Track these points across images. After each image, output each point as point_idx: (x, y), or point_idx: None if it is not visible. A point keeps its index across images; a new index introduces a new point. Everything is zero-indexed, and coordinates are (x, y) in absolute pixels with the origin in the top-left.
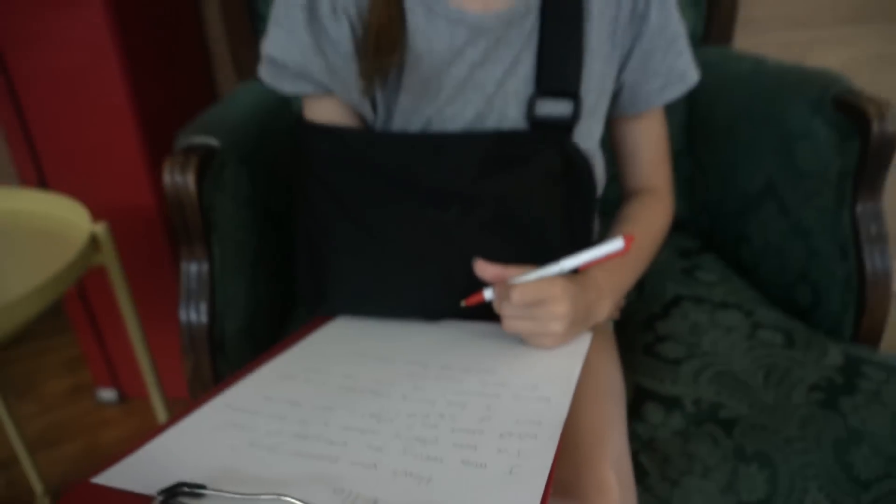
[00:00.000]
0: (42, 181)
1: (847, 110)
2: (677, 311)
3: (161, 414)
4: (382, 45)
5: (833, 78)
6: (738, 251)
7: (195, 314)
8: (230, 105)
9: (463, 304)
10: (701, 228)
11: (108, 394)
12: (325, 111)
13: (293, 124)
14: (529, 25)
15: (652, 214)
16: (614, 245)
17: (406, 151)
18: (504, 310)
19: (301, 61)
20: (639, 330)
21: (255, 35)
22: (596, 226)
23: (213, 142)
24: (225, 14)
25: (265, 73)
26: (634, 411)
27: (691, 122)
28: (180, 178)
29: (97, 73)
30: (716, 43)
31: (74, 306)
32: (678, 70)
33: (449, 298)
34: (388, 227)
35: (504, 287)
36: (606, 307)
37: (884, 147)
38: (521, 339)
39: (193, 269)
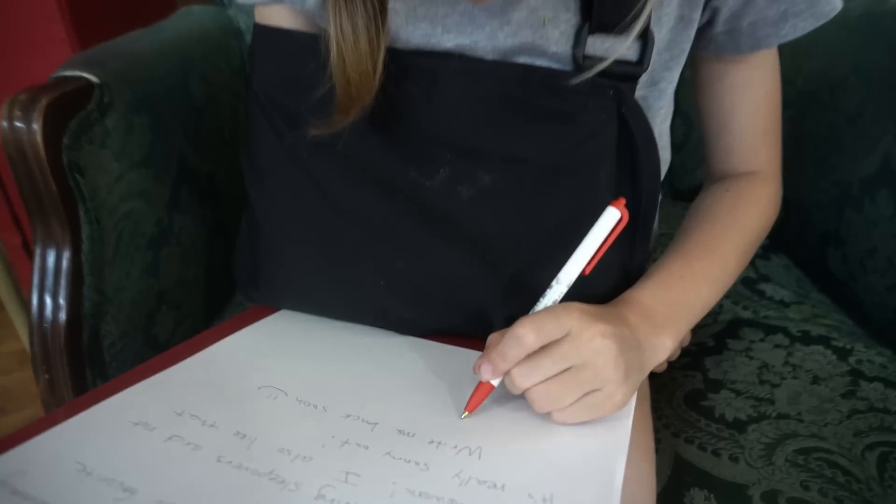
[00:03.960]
0: None
1: None
2: (736, 343)
3: None
4: None
5: None
6: (823, 256)
7: (50, 314)
8: (150, 32)
9: (464, 415)
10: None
11: None
12: (276, 20)
13: (245, 60)
14: None
15: (746, 208)
16: (608, 219)
17: (387, 74)
18: (522, 379)
19: None
20: (678, 370)
21: None
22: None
23: (91, 76)
24: None
25: None
26: (675, 500)
27: None
28: (22, 126)
29: None
30: None
31: None
32: None
33: (422, 305)
34: (347, 191)
35: (505, 338)
36: (664, 344)
37: None
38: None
39: (51, 256)
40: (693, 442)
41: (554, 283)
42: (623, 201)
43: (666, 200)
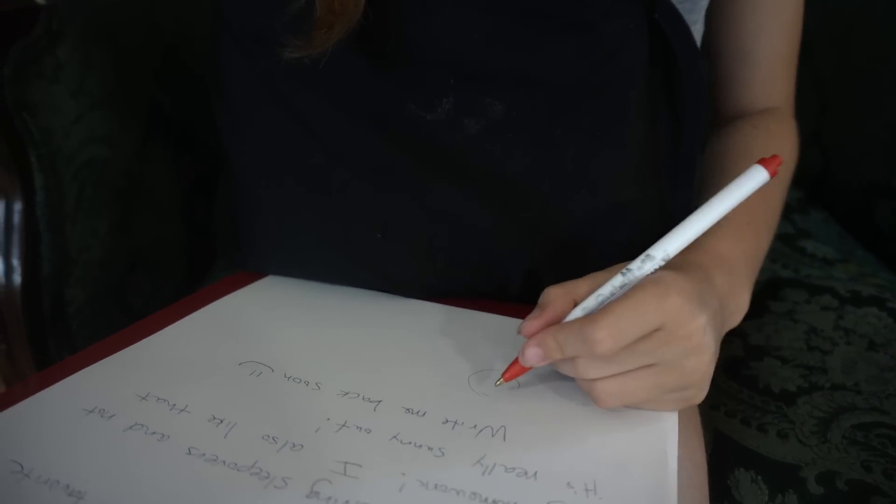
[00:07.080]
0: None
1: None
2: (778, 305)
3: None
4: None
5: None
6: (868, 209)
7: (2, 276)
8: None
9: (498, 382)
10: (808, 168)
11: None
12: None
13: None
14: None
15: (780, 146)
16: (753, 177)
17: None
18: (589, 371)
19: None
20: None
21: None
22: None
23: None
24: None
25: None
26: (716, 482)
27: None
28: None
29: None
30: None
31: None
32: None
33: (425, 260)
34: (334, 128)
35: (571, 332)
36: (744, 303)
37: None
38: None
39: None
40: (735, 416)
41: (660, 259)
42: (778, 160)
43: None
